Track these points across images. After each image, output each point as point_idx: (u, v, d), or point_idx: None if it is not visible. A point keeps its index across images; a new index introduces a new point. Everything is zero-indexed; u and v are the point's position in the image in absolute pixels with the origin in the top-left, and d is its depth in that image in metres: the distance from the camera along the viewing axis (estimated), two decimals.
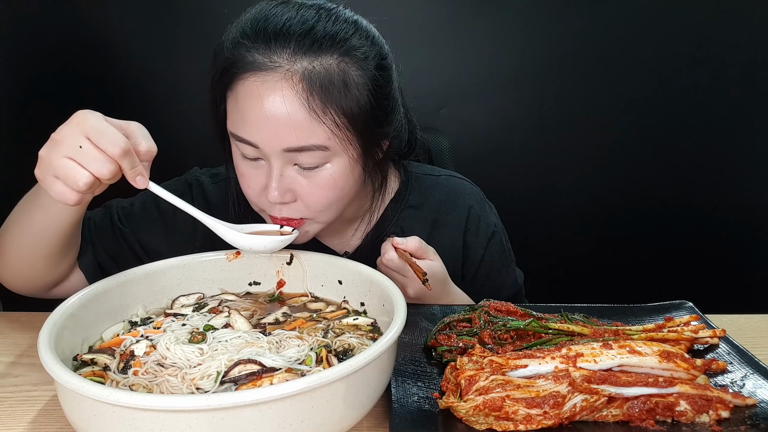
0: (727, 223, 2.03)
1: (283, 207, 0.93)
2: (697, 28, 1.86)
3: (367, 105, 0.91)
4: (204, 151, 1.92)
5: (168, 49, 1.86)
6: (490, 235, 1.17)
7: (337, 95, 0.87)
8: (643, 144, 1.97)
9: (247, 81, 0.87)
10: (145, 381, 0.71)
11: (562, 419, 0.69)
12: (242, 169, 0.94)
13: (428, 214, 1.14)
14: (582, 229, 2.04)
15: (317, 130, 0.87)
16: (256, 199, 0.96)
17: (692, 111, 1.94)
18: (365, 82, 0.90)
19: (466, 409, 0.69)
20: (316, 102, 0.86)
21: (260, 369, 0.70)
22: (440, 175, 1.19)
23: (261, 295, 0.98)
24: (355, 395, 0.67)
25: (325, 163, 0.91)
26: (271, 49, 0.86)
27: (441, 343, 0.86)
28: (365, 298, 0.92)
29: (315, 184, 0.91)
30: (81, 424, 0.64)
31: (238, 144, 0.92)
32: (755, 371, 0.81)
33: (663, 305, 1.01)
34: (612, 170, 2.00)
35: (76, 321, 0.78)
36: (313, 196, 0.92)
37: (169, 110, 1.92)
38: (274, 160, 0.89)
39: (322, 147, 0.88)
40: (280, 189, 0.90)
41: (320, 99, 0.86)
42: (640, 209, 2.03)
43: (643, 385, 0.72)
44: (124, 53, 1.86)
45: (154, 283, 0.92)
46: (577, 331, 0.87)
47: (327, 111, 0.86)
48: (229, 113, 0.92)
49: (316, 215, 0.96)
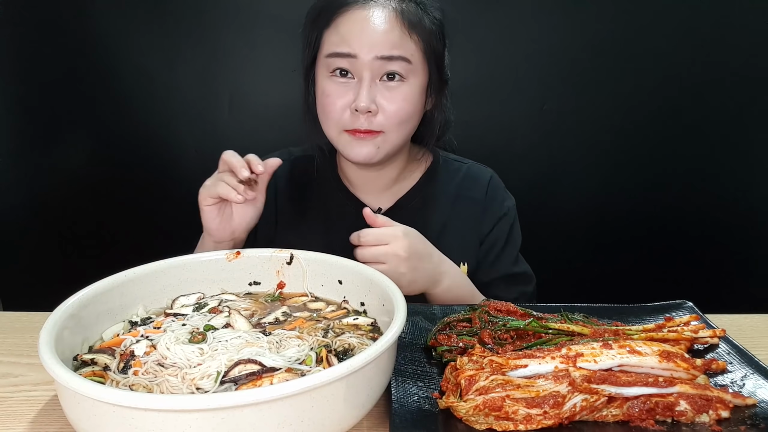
0: (727, 223, 2.03)
1: (366, 119, 1.10)
2: (697, 27, 1.86)
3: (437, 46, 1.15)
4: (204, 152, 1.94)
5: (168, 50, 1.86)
6: (501, 215, 1.29)
7: (420, 29, 1.11)
8: (644, 144, 1.97)
9: (350, 11, 1.09)
10: (145, 381, 0.71)
11: (562, 419, 0.69)
12: (330, 89, 1.11)
13: (452, 189, 1.30)
14: (582, 229, 2.04)
15: (406, 44, 1.09)
16: (339, 116, 1.12)
17: (693, 111, 1.93)
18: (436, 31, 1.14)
19: (466, 409, 0.69)
20: (406, 26, 1.09)
21: (260, 369, 0.70)
22: (466, 161, 1.36)
23: (261, 295, 0.98)
24: (355, 395, 0.67)
25: (404, 79, 1.11)
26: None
27: (441, 343, 0.86)
28: (365, 298, 0.92)
29: (396, 96, 1.11)
30: (81, 424, 0.64)
31: (331, 62, 1.10)
32: (755, 371, 0.81)
33: (663, 305, 1.01)
34: (612, 170, 2.00)
35: (76, 321, 0.78)
36: (393, 106, 1.10)
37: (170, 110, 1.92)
38: (366, 71, 1.08)
39: (407, 59, 1.09)
40: (368, 98, 1.08)
41: (408, 25, 1.09)
42: (640, 209, 2.03)
43: (643, 385, 0.72)
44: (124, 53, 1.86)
45: (154, 283, 0.92)
46: (577, 331, 0.87)
47: (412, 34, 1.10)
48: (326, 43, 1.12)
49: (390, 128, 1.12)
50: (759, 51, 1.87)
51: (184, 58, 1.87)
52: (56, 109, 1.90)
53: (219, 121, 1.93)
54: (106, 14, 1.83)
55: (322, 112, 1.16)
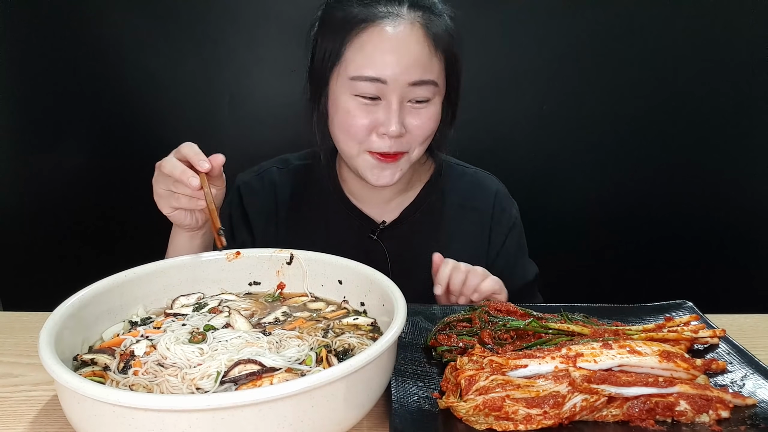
0: (727, 223, 2.03)
1: (394, 141, 1.08)
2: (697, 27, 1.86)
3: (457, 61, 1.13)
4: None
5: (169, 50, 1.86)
6: (511, 225, 1.30)
7: (443, 44, 1.08)
8: (644, 143, 1.97)
9: (378, 28, 1.04)
10: (145, 381, 0.71)
11: (562, 419, 0.69)
12: (355, 109, 1.07)
13: (456, 198, 1.29)
14: (582, 229, 2.04)
15: (434, 67, 1.07)
16: (363, 137, 1.09)
17: (692, 110, 1.93)
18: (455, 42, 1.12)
19: (466, 409, 0.69)
20: (431, 44, 1.06)
21: (260, 369, 0.70)
22: (469, 167, 1.35)
23: (261, 295, 0.98)
24: (355, 395, 0.67)
25: (431, 100, 1.09)
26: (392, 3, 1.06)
27: (441, 343, 0.86)
28: (365, 298, 0.92)
29: (422, 117, 1.09)
30: (81, 424, 0.64)
31: (357, 85, 1.05)
32: (755, 371, 0.81)
33: (663, 305, 1.02)
34: (612, 170, 2.00)
35: (76, 321, 0.78)
36: (421, 128, 1.09)
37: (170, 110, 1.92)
38: (395, 95, 1.05)
39: (434, 82, 1.08)
40: (399, 123, 1.06)
41: (433, 42, 1.06)
42: (640, 209, 2.03)
43: (643, 385, 0.72)
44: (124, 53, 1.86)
45: (154, 283, 0.92)
46: (577, 331, 0.87)
47: (437, 52, 1.07)
48: (350, 61, 1.06)
49: (414, 147, 1.12)
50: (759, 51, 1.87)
51: (185, 58, 1.87)
52: (56, 109, 1.90)
53: (219, 121, 1.93)
54: (107, 14, 1.83)
55: (342, 130, 1.11)
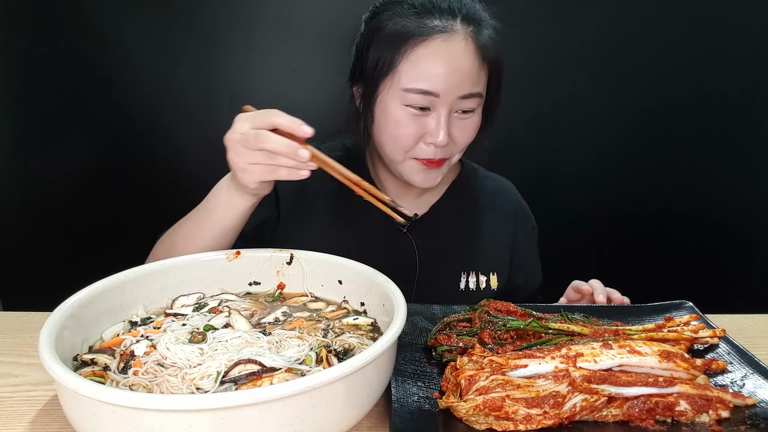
0: (727, 223, 2.03)
1: (440, 149, 1.11)
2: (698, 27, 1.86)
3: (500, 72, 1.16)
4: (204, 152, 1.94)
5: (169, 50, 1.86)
6: (530, 229, 1.37)
7: (489, 58, 1.11)
8: (643, 143, 1.97)
9: (432, 43, 1.06)
10: (145, 381, 0.71)
11: (562, 419, 0.69)
12: (404, 119, 1.10)
13: (480, 200, 1.34)
14: (581, 229, 2.04)
15: (481, 79, 1.11)
16: (410, 145, 1.12)
17: (693, 110, 1.93)
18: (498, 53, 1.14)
19: (466, 409, 0.69)
20: (480, 57, 1.09)
21: (260, 369, 0.70)
22: (491, 173, 1.40)
23: (261, 295, 0.98)
24: (355, 395, 0.67)
25: (475, 110, 1.13)
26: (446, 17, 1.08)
27: (441, 343, 0.86)
28: (365, 298, 0.92)
29: (466, 126, 1.13)
30: (81, 424, 0.64)
31: (409, 96, 1.08)
32: (755, 371, 0.81)
33: (663, 305, 1.02)
34: (612, 170, 2.00)
35: (76, 321, 0.78)
36: (464, 137, 1.14)
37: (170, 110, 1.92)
38: (444, 107, 1.08)
39: (480, 94, 1.12)
40: (446, 134, 1.09)
41: (481, 55, 1.09)
42: (639, 209, 2.03)
43: (643, 385, 0.72)
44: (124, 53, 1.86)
45: (154, 283, 0.92)
46: (577, 331, 0.87)
47: (484, 65, 1.11)
48: (403, 74, 1.08)
49: (456, 154, 1.17)
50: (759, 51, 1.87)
51: (185, 58, 1.87)
52: (56, 109, 1.90)
53: (219, 121, 1.92)
54: (107, 14, 1.83)
55: (391, 139, 1.13)
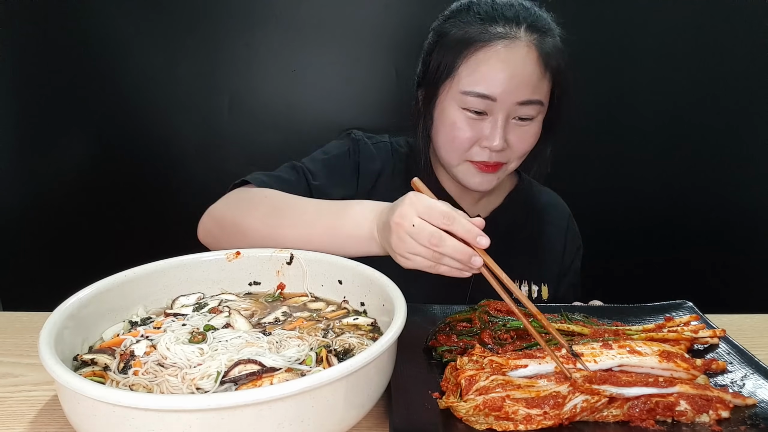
0: (727, 223, 2.03)
1: (495, 153, 1.11)
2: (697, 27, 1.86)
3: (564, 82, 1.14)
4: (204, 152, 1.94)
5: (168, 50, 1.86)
6: (578, 247, 1.38)
7: (552, 66, 1.10)
8: (643, 143, 1.97)
9: (494, 49, 1.06)
10: (145, 381, 0.71)
11: (563, 419, 0.69)
12: (461, 122, 1.10)
13: (536, 211, 1.35)
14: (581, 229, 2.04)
15: (542, 87, 1.10)
16: (466, 149, 1.12)
17: (692, 110, 1.93)
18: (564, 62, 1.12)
19: (466, 409, 0.69)
20: (543, 65, 1.08)
21: (260, 369, 0.70)
22: (544, 187, 1.42)
23: (261, 295, 0.98)
24: (355, 395, 0.67)
25: (534, 118, 1.11)
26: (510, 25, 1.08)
27: (441, 343, 0.86)
28: (365, 298, 0.92)
29: (525, 133, 1.12)
30: (81, 424, 0.64)
31: (467, 100, 1.08)
32: (755, 371, 0.81)
33: (663, 305, 1.02)
34: (612, 170, 1.99)
35: (76, 321, 0.78)
36: (522, 144, 1.12)
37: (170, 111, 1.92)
38: (501, 113, 1.08)
39: (540, 102, 1.10)
40: (502, 138, 1.08)
41: (544, 63, 1.08)
42: (639, 209, 2.03)
43: (644, 385, 0.72)
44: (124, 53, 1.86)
45: (154, 283, 0.92)
46: (577, 331, 0.87)
47: (546, 73, 1.09)
48: (463, 77, 1.08)
49: (513, 160, 1.15)
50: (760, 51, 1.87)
51: (184, 58, 1.87)
52: (56, 109, 1.90)
53: (219, 121, 1.93)
54: (107, 14, 1.83)
55: (447, 141, 1.14)
